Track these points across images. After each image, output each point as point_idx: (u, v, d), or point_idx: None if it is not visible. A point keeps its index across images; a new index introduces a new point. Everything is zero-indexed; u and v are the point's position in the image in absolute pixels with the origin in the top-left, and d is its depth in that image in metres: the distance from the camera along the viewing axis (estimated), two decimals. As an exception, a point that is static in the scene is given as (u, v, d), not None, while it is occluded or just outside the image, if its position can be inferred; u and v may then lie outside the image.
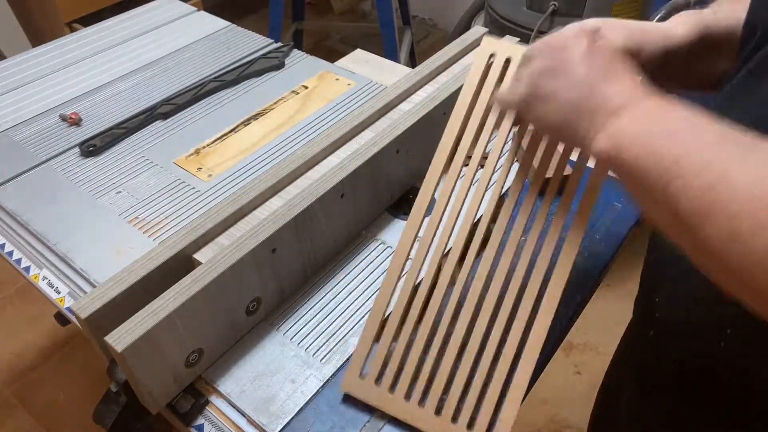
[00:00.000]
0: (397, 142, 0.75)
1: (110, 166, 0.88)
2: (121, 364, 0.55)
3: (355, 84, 1.03)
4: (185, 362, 0.60)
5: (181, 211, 0.80)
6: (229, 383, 0.62)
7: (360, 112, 0.79)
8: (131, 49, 1.15)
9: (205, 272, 0.58)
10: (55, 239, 0.76)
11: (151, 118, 0.97)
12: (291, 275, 0.69)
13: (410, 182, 0.83)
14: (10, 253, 0.78)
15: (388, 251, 0.75)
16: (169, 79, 1.06)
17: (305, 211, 0.65)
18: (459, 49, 0.90)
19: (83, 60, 1.12)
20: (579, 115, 0.45)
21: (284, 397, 0.60)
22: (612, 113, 0.43)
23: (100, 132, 0.93)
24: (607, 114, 0.43)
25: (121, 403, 0.61)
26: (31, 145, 0.93)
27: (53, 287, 0.73)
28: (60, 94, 1.03)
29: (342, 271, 0.73)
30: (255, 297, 0.65)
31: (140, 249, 0.73)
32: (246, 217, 0.67)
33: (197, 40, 1.17)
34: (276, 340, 0.66)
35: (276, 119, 0.96)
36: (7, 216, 0.82)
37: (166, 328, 0.55)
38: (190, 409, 0.60)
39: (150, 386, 0.57)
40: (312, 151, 0.73)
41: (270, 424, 0.58)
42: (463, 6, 2.04)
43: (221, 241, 0.64)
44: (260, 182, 0.69)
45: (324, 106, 0.98)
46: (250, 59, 1.09)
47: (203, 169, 0.87)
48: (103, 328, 0.54)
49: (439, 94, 0.80)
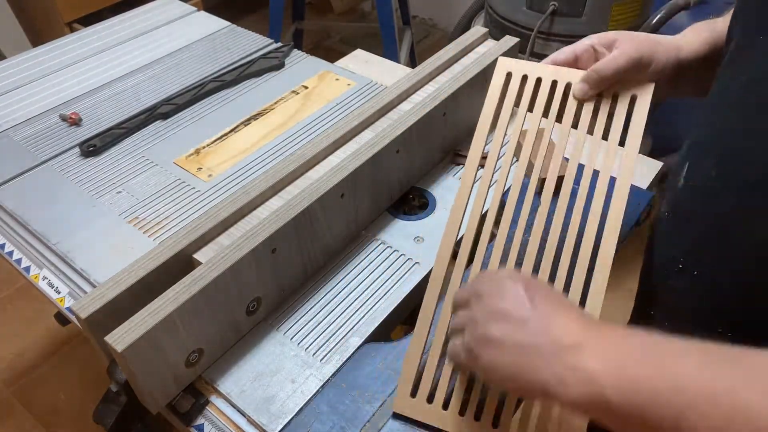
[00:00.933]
0: (397, 142, 0.75)
1: (110, 166, 0.88)
2: (121, 364, 0.55)
3: (355, 84, 1.03)
4: (185, 362, 0.60)
5: (181, 211, 0.80)
6: (229, 383, 0.62)
7: (360, 112, 0.79)
8: (131, 49, 1.15)
9: (205, 272, 0.58)
10: (55, 239, 0.76)
11: (151, 118, 0.96)
12: (291, 275, 0.69)
13: (410, 182, 0.83)
14: (10, 253, 0.78)
15: (388, 251, 0.75)
16: (169, 79, 1.06)
17: (305, 211, 0.65)
18: (459, 49, 0.90)
19: (83, 60, 1.12)
20: (535, 359, 0.40)
21: (284, 397, 0.60)
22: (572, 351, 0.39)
23: (100, 132, 0.93)
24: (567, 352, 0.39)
25: (121, 403, 0.62)
26: (31, 145, 0.93)
27: (53, 287, 0.73)
28: (60, 94, 1.03)
29: (342, 271, 0.73)
30: (255, 297, 0.65)
31: (140, 249, 0.73)
32: (246, 217, 0.67)
33: (197, 40, 1.17)
34: (276, 340, 0.66)
35: (276, 119, 0.96)
36: (7, 216, 0.82)
37: (166, 328, 0.55)
38: (190, 409, 0.60)
39: (150, 386, 0.57)
40: (312, 151, 0.73)
41: (270, 424, 0.58)
42: (463, 6, 2.04)
43: (221, 241, 0.64)
44: (260, 182, 0.69)
45: (324, 106, 0.98)
46: (250, 59, 1.09)
47: (203, 169, 0.87)
48: (103, 328, 0.54)
49: (439, 94, 0.80)
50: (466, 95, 0.84)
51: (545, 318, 0.42)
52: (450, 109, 0.82)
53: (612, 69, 0.58)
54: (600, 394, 0.36)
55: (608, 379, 0.36)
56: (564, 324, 0.41)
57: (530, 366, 0.40)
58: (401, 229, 0.78)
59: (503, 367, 0.42)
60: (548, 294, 0.44)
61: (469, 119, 0.87)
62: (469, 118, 0.87)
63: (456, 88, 0.81)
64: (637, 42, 0.57)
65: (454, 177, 0.86)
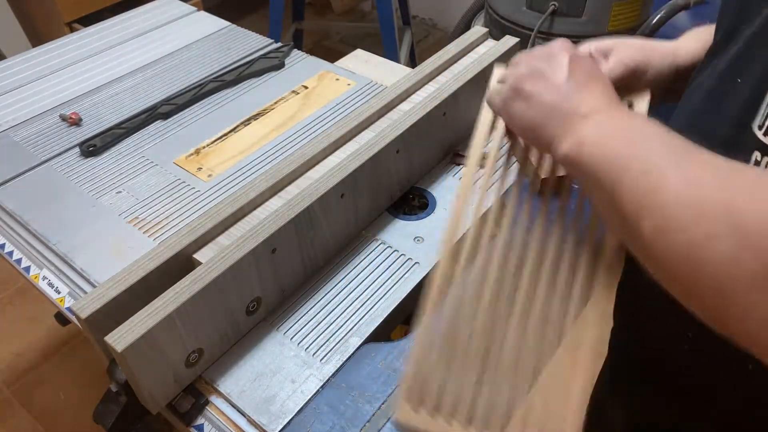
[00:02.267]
0: (397, 142, 0.75)
1: (110, 166, 0.88)
2: (121, 364, 0.55)
3: (355, 84, 1.03)
4: (185, 362, 0.60)
5: (181, 211, 0.80)
6: (229, 383, 0.62)
7: (360, 112, 0.79)
8: (131, 49, 1.15)
9: (205, 272, 0.58)
10: (55, 239, 0.76)
11: (151, 118, 0.96)
12: (291, 275, 0.69)
13: (410, 182, 0.83)
14: (10, 253, 0.78)
15: (388, 251, 0.75)
16: (169, 79, 1.06)
17: (305, 211, 0.65)
18: (459, 49, 0.90)
19: (83, 60, 1.12)
20: (552, 118, 0.48)
21: (284, 397, 0.60)
22: (582, 119, 0.45)
23: (100, 132, 0.93)
24: (578, 119, 0.46)
25: (121, 403, 0.61)
26: (31, 145, 0.93)
27: (53, 287, 0.73)
28: (60, 94, 1.03)
29: (342, 271, 0.73)
30: (255, 297, 0.65)
31: (140, 249, 0.73)
32: (246, 217, 0.67)
33: (197, 40, 1.17)
34: (276, 340, 0.66)
35: (276, 119, 0.96)
36: (7, 216, 0.82)
37: (166, 328, 0.55)
38: (190, 409, 0.60)
39: (150, 386, 0.57)
40: (312, 151, 0.73)
41: (270, 424, 0.58)
42: (463, 6, 2.04)
43: (221, 241, 0.64)
44: (260, 182, 0.69)
45: (324, 106, 0.98)
46: (250, 59, 1.09)
47: (203, 169, 0.87)
48: (103, 328, 0.54)
49: (439, 94, 0.80)
50: (466, 95, 0.84)
51: (575, 88, 0.48)
52: (450, 109, 0.82)
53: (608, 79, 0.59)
54: (579, 153, 0.44)
55: (590, 143, 0.43)
56: (587, 96, 0.47)
57: (546, 122, 0.48)
58: (401, 229, 0.78)
59: (526, 118, 0.50)
60: (589, 69, 0.50)
61: (469, 119, 0.87)
62: (469, 118, 0.87)
63: (456, 88, 0.81)
64: (633, 50, 0.58)
65: (454, 177, 0.86)
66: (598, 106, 0.46)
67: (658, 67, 0.58)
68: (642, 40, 0.60)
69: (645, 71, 0.58)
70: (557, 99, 0.48)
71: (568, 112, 0.47)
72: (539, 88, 0.49)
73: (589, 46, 0.61)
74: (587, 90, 0.48)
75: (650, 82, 0.59)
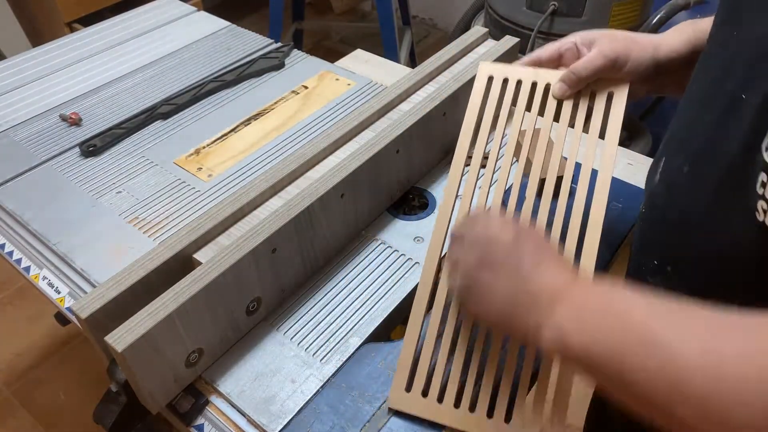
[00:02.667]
0: (397, 142, 0.75)
1: (110, 166, 0.88)
2: (121, 364, 0.55)
3: (355, 84, 1.03)
4: (185, 362, 0.60)
5: (181, 211, 0.80)
6: (229, 383, 0.62)
7: (360, 112, 0.79)
8: (131, 49, 1.14)
9: (205, 272, 0.58)
10: (55, 239, 0.76)
11: (151, 118, 0.96)
12: (291, 275, 0.69)
13: (410, 182, 0.83)
14: (10, 253, 0.78)
15: (388, 251, 0.75)
16: (169, 79, 1.06)
17: (305, 211, 0.65)
18: (459, 49, 0.90)
19: (83, 60, 1.12)
20: (518, 305, 0.45)
21: (284, 397, 0.60)
22: (551, 302, 0.42)
23: (100, 132, 0.93)
24: (546, 303, 0.42)
25: (121, 403, 0.61)
26: (31, 145, 0.93)
27: (53, 287, 0.73)
28: (60, 94, 1.03)
29: (342, 271, 0.73)
30: (255, 297, 0.65)
31: (140, 249, 0.73)
32: (246, 217, 0.67)
33: (197, 40, 1.17)
34: (276, 340, 0.66)
35: (276, 119, 0.96)
36: (7, 216, 0.82)
37: (166, 328, 0.55)
38: (190, 409, 0.60)
39: (150, 386, 0.57)
40: (312, 151, 0.73)
41: (270, 424, 0.58)
42: (463, 6, 2.04)
43: (221, 241, 0.64)
44: (260, 182, 0.69)
45: (324, 106, 0.98)
46: (250, 59, 1.09)
47: (203, 169, 0.87)
48: (103, 328, 0.55)
49: (439, 94, 0.80)
50: (466, 95, 0.83)
51: (530, 271, 0.45)
52: (450, 109, 0.82)
53: (588, 69, 0.60)
54: (564, 343, 0.40)
55: (572, 329, 0.40)
56: (545, 274, 0.44)
57: (514, 314, 0.45)
58: (401, 229, 0.78)
59: (491, 314, 0.47)
60: (537, 245, 0.47)
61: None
62: (469, 118, 0.87)
63: (456, 88, 0.81)
64: (614, 42, 0.59)
65: (454, 177, 0.86)
66: (561, 283, 0.43)
67: (637, 59, 0.59)
68: (626, 33, 0.61)
69: (624, 63, 0.59)
70: (516, 288, 0.45)
71: (534, 300, 0.44)
72: (493, 278, 0.47)
73: (575, 36, 0.62)
74: (544, 266, 0.45)
75: (629, 73, 0.60)
